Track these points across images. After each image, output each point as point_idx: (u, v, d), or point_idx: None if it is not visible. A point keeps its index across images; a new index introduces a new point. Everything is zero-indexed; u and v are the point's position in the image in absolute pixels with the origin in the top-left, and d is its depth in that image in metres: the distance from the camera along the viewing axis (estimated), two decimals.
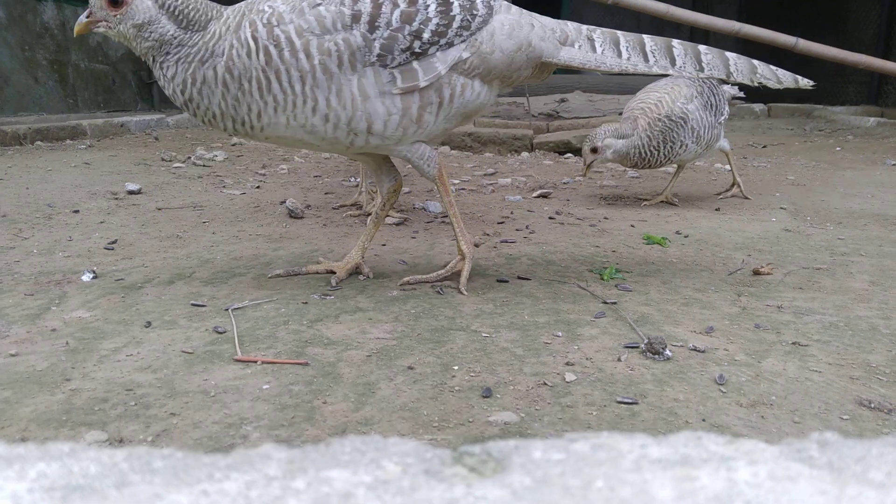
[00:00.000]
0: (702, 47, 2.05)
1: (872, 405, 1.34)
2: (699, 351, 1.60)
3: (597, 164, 3.35)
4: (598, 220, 3.12)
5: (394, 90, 1.81)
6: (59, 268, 2.23)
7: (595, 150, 3.28)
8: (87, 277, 2.12)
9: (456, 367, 1.50)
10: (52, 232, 2.74)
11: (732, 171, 3.70)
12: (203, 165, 4.68)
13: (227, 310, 1.85)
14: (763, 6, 10.41)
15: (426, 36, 1.80)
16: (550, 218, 3.15)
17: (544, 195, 3.68)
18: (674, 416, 1.30)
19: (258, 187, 3.88)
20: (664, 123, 3.21)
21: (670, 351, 1.57)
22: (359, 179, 3.56)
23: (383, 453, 0.49)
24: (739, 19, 7.02)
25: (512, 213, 3.25)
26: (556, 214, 3.22)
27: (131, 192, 3.58)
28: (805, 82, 2.06)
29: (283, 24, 1.75)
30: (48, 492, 0.44)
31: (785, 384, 1.43)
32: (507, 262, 2.39)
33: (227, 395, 1.36)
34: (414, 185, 3.98)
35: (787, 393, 1.39)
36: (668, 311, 1.88)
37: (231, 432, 1.22)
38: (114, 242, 2.58)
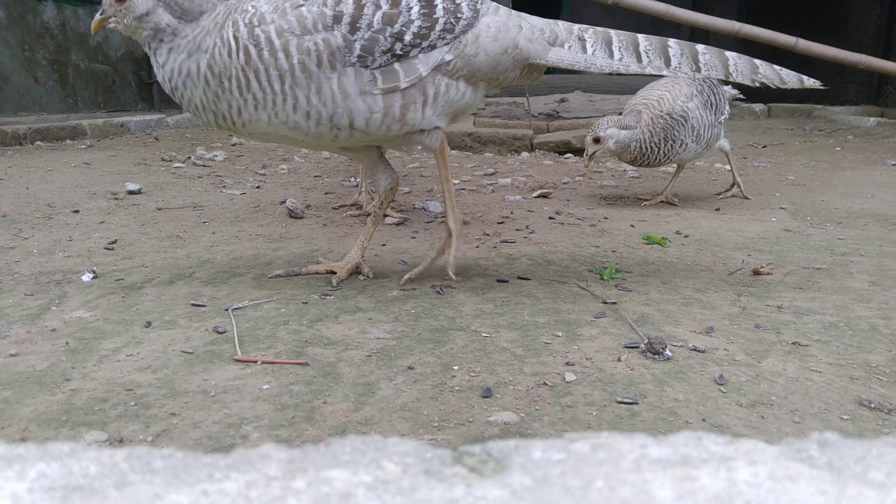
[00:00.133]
0: (700, 47, 2.02)
1: (872, 405, 1.34)
2: (699, 351, 1.60)
3: (599, 155, 3.33)
4: (598, 220, 3.12)
5: (374, 90, 1.82)
6: (59, 268, 2.23)
7: (598, 140, 3.25)
8: (87, 277, 2.12)
9: (456, 367, 1.50)
10: (52, 232, 2.74)
11: (732, 171, 3.69)
12: (203, 165, 4.68)
13: (227, 310, 1.85)
14: (763, 6, 10.41)
15: (408, 38, 1.81)
16: (550, 218, 3.15)
17: (544, 195, 3.68)
18: (674, 416, 1.30)
19: (258, 187, 3.88)
20: (666, 121, 3.21)
21: (670, 351, 1.57)
22: (358, 179, 3.56)
23: (383, 453, 0.49)
24: (739, 19, 7.02)
25: (512, 213, 3.25)
26: (556, 214, 3.22)
27: (131, 192, 3.58)
28: (811, 82, 2.01)
29: (265, 24, 1.77)
30: (48, 492, 0.44)
31: (785, 384, 1.43)
32: (507, 262, 2.39)
33: (227, 395, 1.36)
34: (414, 185, 3.98)
35: (787, 393, 1.39)
36: (668, 311, 1.88)
37: (231, 432, 1.22)
38: (114, 242, 2.58)
